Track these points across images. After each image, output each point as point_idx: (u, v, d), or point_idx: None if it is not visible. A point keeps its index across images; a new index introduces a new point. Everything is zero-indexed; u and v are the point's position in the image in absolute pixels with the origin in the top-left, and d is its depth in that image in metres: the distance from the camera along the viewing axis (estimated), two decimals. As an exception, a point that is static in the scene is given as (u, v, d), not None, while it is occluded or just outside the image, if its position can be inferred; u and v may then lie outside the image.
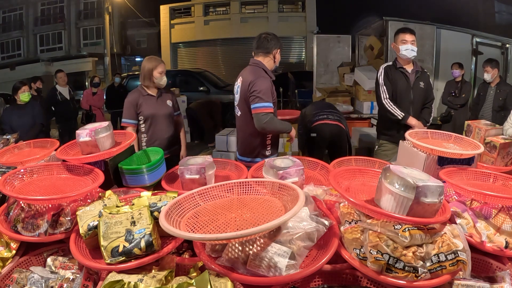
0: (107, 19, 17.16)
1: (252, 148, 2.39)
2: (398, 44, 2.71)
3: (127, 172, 1.68)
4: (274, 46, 2.37)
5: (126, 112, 2.61)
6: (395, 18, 6.03)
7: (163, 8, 17.60)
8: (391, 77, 2.78)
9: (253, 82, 2.22)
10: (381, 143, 2.93)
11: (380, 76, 2.82)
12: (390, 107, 2.73)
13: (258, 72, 2.29)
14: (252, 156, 2.40)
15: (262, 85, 2.21)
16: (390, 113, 2.73)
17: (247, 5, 16.78)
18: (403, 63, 2.78)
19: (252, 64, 2.37)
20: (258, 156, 2.38)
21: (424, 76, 2.83)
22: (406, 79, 2.77)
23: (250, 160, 2.39)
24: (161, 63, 2.65)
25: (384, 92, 2.77)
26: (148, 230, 1.13)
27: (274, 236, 1.04)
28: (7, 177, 1.44)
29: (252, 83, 2.22)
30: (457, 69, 5.08)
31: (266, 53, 2.36)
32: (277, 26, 15.89)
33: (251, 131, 2.33)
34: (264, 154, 2.38)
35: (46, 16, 18.90)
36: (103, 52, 17.59)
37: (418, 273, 0.99)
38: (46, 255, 1.34)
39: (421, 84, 2.79)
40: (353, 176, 1.41)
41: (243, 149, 2.45)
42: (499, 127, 2.08)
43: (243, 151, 2.45)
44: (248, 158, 2.41)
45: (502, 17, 12.43)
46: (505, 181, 1.47)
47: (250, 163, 2.29)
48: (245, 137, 2.40)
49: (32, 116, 3.92)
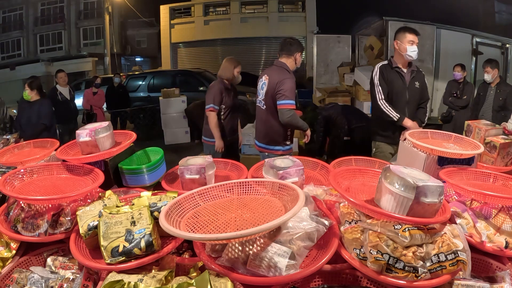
0: (107, 19, 17.16)
1: (274, 138, 2.75)
2: (404, 44, 2.62)
3: (127, 172, 1.68)
4: (296, 49, 2.74)
5: (215, 99, 3.17)
6: (395, 18, 6.04)
7: (163, 8, 17.59)
8: (387, 77, 2.72)
9: (281, 82, 2.60)
10: (377, 145, 2.88)
11: (375, 76, 2.75)
12: (385, 108, 2.68)
13: (283, 73, 2.67)
14: (273, 144, 2.76)
15: (288, 84, 2.60)
16: (385, 114, 2.68)
17: (247, 5, 16.77)
18: (399, 63, 2.72)
19: (277, 65, 2.76)
20: (279, 145, 2.75)
21: (419, 76, 2.78)
22: (401, 79, 2.71)
23: (271, 148, 2.77)
24: (240, 64, 3.33)
25: (379, 93, 2.70)
26: (148, 230, 1.13)
27: (274, 236, 1.04)
28: (7, 177, 1.44)
29: (280, 83, 2.60)
30: (459, 71, 5.05)
31: (288, 55, 2.73)
32: (277, 26, 15.89)
33: (274, 124, 2.70)
34: (285, 143, 2.76)
35: (46, 16, 18.88)
36: (103, 52, 17.58)
37: (418, 273, 0.99)
38: (46, 255, 1.34)
39: (416, 84, 2.74)
40: (353, 176, 1.41)
41: (266, 139, 2.79)
42: (499, 127, 2.08)
43: (266, 141, 2.79)
44: (269, 147, 2.78)
45: (502, 17, 12.43)
46: (505, 181, 1.47)
47: (270, 151, 2.73)
48: (268, 128, 2.75)
49: (38, 114, 3.99)
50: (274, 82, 2.63)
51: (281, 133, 2.73)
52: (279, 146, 2.75)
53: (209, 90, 3.32)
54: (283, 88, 2.58)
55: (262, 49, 16.06)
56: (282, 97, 2.59)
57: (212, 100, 3.20)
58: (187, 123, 7.24)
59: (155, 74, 9.82)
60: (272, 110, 2.69)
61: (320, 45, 7.71)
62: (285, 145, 2.76)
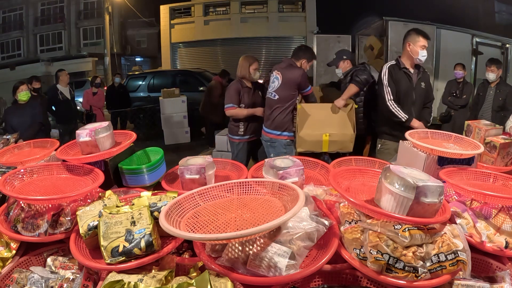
0: (107, 19, 17.15)
1: (282, 124, 3.11)
2: (417, 48, 2.66)
3: (127, 172, 1.68)
4: (302, 56, 3.12)
5: (232, 99, 3.31)
6: (395, 18, 6.04)
7: (163, 8, 17.56)
8: (395, 77, 2.75)
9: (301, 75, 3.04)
10: (383, 142, 2.93)
11: (384, 76, 2.78)
12: (394, 108, 2.71)
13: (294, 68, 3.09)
14: (281, 130, 3.12)
15: (304, 76, 3.08)
16: (393, 115, 2.71)
17: (247, 5, 16.74)
18: (407, 64, 2.75)
19: (286, 62, 3.17)
20: (286, 131, 3.12)
21: (425, 76, 2.82)
22: (409, 79, 2.75)
23: (278, 134, 3.13)
24: (256, 61, 3.36)
25: (388, 93, 2.74)
26: (148, 230, 1.13)
27: (274, 236, 1.04)
28: (7, 177, 1.44)
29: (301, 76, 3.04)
30: (460, 70, 5.07)
31: (296, 59, 3.13)
32: (277, 26, 15.87)
33: (284, 111, 3.07)
34: (291, 130, 3.13)
35: (46, 16, 18.88)
36: (103, 52, 17.57)
37: (418, 273, 0.99)
38: (46, 255, 1.34)
39: (422, 85, 2.78)
40: (353, 176, 1.41)
41: (274, 125, 3.14)
42: (499, 127, 2.08)
43: (273, 126, 3.14)
44: (276, 132, 3.14)
45: (502, 17, 12.43)
46: (505, 181, 1.47)
47: (277, 136, 3.12)
48: (278, 115, 3.10)
49: (31, 115, 3.96)
50: (293, 76, 3.03)
51: (286, 120, 3.10)
52: (286, 132, 3.11)
53: (227, 91, 3.40)
54: (305, 79, 3.09)
55: (262, 49, 16.03)
56: (307, 85, 3.12)
57: (230, 100, 3.31)
58: (187, 123, 7.24)
59: (155, 74, 9.80)
60: (282, 100, 3.07)
61: (320, 45, 7.70)
62: (290, 131, 3.12)
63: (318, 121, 2.97)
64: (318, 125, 2.95)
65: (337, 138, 2.90)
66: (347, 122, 2.95)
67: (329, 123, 2.95)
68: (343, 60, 3.44)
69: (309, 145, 2.99)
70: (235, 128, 3.43)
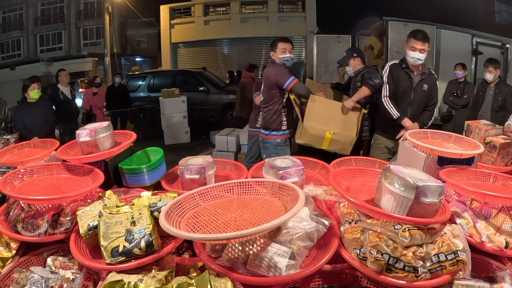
0: (107, 19, 17.13)
1: (269, 125, 3.11)
2: (407, 48, 2.70)
3: (127, 172, 1.68)
4: (272, 48, 3.09)
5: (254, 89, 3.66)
6: (395, 18, 6.03)
7: (163, 8, 17.56)
8: (395, 75, 2.80)
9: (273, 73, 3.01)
10: (376, 137, 3.01)
11: (384, 73, 2.85)
12: (387, 105, 2.77)
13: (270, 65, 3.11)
14: (269, 130, 3.11)
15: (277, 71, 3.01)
16: (386, 111, 2.77)
17: (247, 5, 16.74)
18: (409, 64, 2.77)
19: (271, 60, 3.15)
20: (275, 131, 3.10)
21: (430, 79, 2.80)
22: (409, 79, 2.77)
23: (268, 133, 3.12)
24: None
25: (385, 90, 2.80)
26: (148, 230, 1.13)
27: (274, 236, 1.04)
28: (7, 177, 1.44)
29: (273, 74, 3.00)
30: (460, 70, 5.07)
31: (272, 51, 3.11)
32: (277, 26, 15.87)
33: (268, 112, 3.10)
34: (280, 129, 3.09)
35: (46, 16, 18.87)
36: (103, 52, 17.55)
37: (418, 273, 0.99)
38: (46, 255, 1.34)
39: (425, 87, 2.78)
40: (353, 176, 1.41)
41: (263, 125, 3.18)
42: (499, 127, 2.08)
43: (263, 126, 3.18)
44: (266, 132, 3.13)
45: (502, 17, 12.42)
46: (505, 181, 1.47)
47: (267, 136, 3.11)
48: (265, 116, 3.13)
49: (45, 113, 4.00)
50: (266, 77, 3.05)
51: (272, 121, 3.08)
52: (274, 132, 3.10)
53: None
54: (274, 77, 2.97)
55: (262, 49, 16.02)
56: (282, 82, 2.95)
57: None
58: (187, 123, 7.24)
59: (155, 74, 9.80)
60: (264, 101, 3.10)
61: (320, 45, 7.71)
62: (280, 130, 3.10)
63: (325, 117, 2.87)
64: (324, 120, 2.86)
65: (339, 138, 2.86)
66: (354, 125, 2.90)
67: (336, 121, 2.89)
68: (353, 58, 3.30)
69: (310, 139, 2.88)
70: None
